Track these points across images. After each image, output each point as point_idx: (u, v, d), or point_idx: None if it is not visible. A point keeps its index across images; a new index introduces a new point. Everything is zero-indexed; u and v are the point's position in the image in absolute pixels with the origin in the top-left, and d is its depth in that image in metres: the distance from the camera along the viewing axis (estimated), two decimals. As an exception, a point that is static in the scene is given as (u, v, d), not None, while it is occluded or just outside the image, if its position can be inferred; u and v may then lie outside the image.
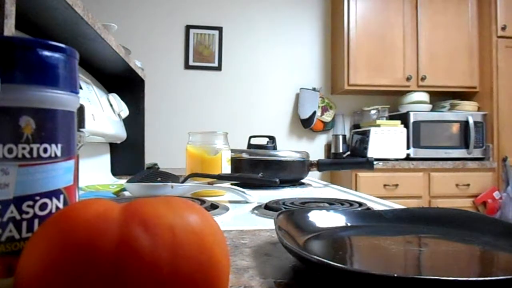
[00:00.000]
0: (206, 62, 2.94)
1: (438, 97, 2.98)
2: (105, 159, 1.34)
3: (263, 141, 1.25)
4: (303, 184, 1.12)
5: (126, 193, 0.87)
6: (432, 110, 2.82)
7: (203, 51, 2.94)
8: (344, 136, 2.89)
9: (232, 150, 1.01)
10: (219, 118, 2.93)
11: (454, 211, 0.48)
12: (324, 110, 3.00)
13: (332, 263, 0.28)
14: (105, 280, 0.18)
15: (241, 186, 0.84)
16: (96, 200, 0.23)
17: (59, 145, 0.27)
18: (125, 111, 1.31)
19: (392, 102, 3.01)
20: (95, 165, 1.22)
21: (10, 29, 0.53)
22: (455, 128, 2.69)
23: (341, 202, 0.68)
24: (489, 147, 2.72)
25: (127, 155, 1.43)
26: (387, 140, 2.58)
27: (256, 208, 0.68)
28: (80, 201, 0.24)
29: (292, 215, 0.45)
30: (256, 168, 1.04)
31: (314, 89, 2.97)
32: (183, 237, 0.21)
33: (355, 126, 3.00)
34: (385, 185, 2.51)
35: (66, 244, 0.19)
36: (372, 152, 2.55)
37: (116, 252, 0.19)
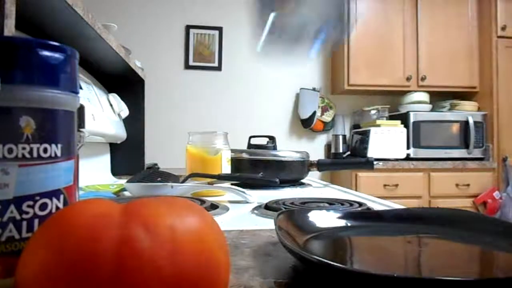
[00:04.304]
0: (206, 62, 2.94)
1: (438, 97, 2.98)
2: (105, 159, 1.34)
3: (263, 141, 1.25)
4: (303, 184, 1.12)
5: (126, 193, 0.87)
6: (432, 110, 2.82)
7: (203, 51, 2.94)
8: (344, 136, 2.89)
9: (232, 150, 1.01)
10: (219, 118, 2.93)
11: (454, 211, 0.48)
12: (324, 110, 3.00)
13: (332, 263, 0.28)
14: (105, 280, 0.18)
15: (241, 186, 0.84)
16: (96, 200, 0.23)
17: (59, 145, 0.27)
18: (125, 111, 1.31)
19: (392, 102, 3.01)
20: (95, 165, 1.22)
21: (10, 29, 0.53)
22: (455, 128, 2.69)
23: (341, 202, 0.68)
24: (489, 147, 2.72)
25: (127, 155, 1.43)
26: (387, 140, 2.58)
27: (256, 208, 0.68)
28: (80, 201, 0.24)
29: (292, 215, 0.45)
30: (256, 168, 1.04)
31: (314, 89, 2.97)
32: (183, 237, 0.21)
33: (355, 126, 3.00)
34: (385, 185, 2.50)
35: (66, 244, 0.19)
36: (372, 152, 2.55)
37: (116, 252, 0.19)
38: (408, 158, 2.61)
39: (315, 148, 3.05)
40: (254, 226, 0.53)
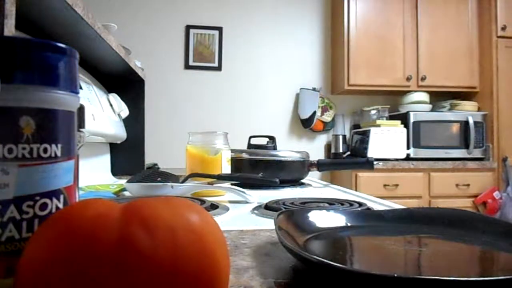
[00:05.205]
0: (206, 62, 2.94)
1: (438, 97, 2.98)
2: (105, 159, 1.34)
3: (263, 141, 1.25)
4: (303, 184, 1.12)
5: (126, 193, 0.87)
6: (432, 110, 2.82)
7: (203, 51, 2.94)
8: (344, 136, 2.89)
9: (232, 150, 1.01)
10: (219, 118, 2.93)
11: (454, 211, 0.48)
12: (324, 110, 3.00)
13: (332, 263, 0.28)
14: (105, 280, 0.18)
15: (241, 186, 0.84)
16: (96, 200, 0.23)
17: (59, 145, 0.27)
18: (125, 111, 1.31)
19: (392, 102, 3.01)
20: (95, 165, 1.22)
21: (10, 29, 0.53)
22: (455, 128, 2.69)
23: (341, 202, 0.68)
24: (489, 147, 2.72)
25: (127, 155, 1.42)
26: (387, 140, 2.58)
27: (256, 208, 0.68)
28: (80, 201, 0.24)
29: (292, 215, 0.45)
30: (256, 168, 1.04)
31: (314, 89, 2.97)
32: (183, 237, 0.21)
33: (355, 126, 3.00)
34: (385, 185, 2.50)
35: (66, 244, 0.19)
36: (372, 152, 2.55)
37: (116, 252, 0.19)
38: (408, 158, 2.61)
39: (315, 148, 3.05)
40: (254, 226, 0.53)
